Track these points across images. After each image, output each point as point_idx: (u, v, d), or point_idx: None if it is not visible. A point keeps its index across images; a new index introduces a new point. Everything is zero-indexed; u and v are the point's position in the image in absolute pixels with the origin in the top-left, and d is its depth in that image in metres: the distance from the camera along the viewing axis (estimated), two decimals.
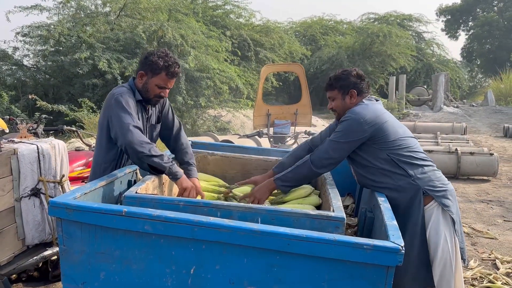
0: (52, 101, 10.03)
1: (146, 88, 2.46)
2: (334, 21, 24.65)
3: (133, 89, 2.49)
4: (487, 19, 32.19)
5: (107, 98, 2.44)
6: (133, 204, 1.91)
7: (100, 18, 10.66)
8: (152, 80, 2.43)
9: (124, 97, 2.36)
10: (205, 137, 7.67)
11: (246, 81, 12.19)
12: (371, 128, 2.28)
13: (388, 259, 1.59)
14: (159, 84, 2.44)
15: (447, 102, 20.26)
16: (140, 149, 2.21)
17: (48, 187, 2.68)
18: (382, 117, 2.34)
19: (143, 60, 2.48)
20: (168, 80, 2.45)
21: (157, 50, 2.49)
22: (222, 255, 1.69)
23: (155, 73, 2.42)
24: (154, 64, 2.41)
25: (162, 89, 2.46)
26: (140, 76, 2.47)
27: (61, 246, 1.82)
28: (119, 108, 2.31)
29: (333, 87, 2.49)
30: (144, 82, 2.46)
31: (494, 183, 7.52)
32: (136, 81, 2.50)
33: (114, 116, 2.31)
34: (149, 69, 2.43)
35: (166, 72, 2.42)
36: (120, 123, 2.27)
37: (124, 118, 2.27)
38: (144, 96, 2.49)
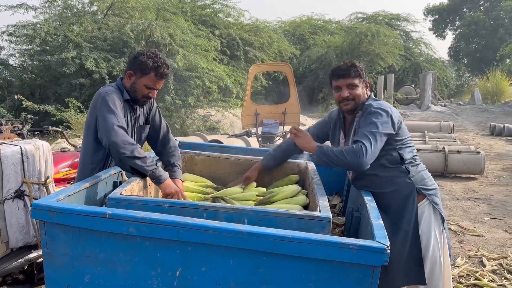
0: (39, 101, 9.91)
1: (134, 88, 2.44)
2: (323, 21, 24.75)
3: (121, 89, 2.47)
4: (473, 19, 32.58)
5: (94, 97, 2.41)
6: (118, 206, 1.89)
7: (87, 17, 10.56)
8: (140, 80, 2.42)
9: (110, 96, 2.34)
10: (194, 137, 7.63)
11: (235, 80, 12.16)
12: (397, 124, 2.29)
13: (373, 259, 1.59)
14: (148, 85, 2.43)
15: (434, 101, 20.48)
16: (122, 150, 2.17)
17: (32, 189, 2.64)
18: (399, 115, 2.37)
19: (132, 60, 2.46)
20: (157, 81, 2.44)
21: (146, 51, 2.47)
22: (208, 257, 1.68)
23: (144, 73, 2.41)
24: (144, 64, 2.40)
25: (150, 90, 2.45)
26: (129, 76, 2.45)
27: (44, 249, 1.79)
28: (105, 107, 2.29)
29: (356, 74, 2.33)
30: (133, 82, 2.44)
31: (481, 181, 7.60)
32: (124, 81, 2.48)
33: (100, 115, 2.29)
34: (138, 69, 2.42)
35: (155, 73, 2.41)
36: (105, 123, 2.24)
37: (109, 118, 2.25)
38: (132, 96, 2.47)
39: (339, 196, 3.02)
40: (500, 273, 3.78)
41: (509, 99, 23.88)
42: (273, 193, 2.49)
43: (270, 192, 2.56)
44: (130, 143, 2.21)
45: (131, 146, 2.20)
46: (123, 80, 2.51)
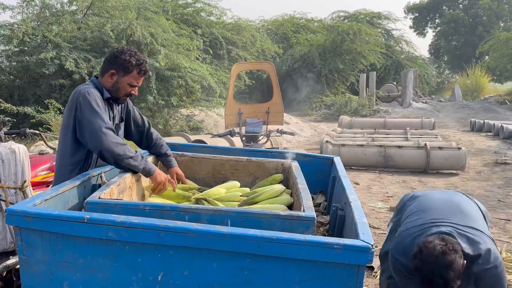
0: (18, 103, 9.67)
1: (117, 87, 2.41)
2: (305, 19, 24.85)
3: (99, 88, 2.42)
4: (453, 17, 33.09)
5: (72, 97, 2.35)
6: (96, 210, 1.83)
7: (66, 17, 10.34)
8: (124, 79, 2.40)
9: (92, 96, 2.29)
10: (177, 137, 7.58)
11: (219, 79, 12.08)
12: None
13: (358, 258, 1.58)
14: (131, 83, 2.42)
15: (416, 98, 20.75)
16: (116, 152, 2.20)
17: (8, 193, 2.56)
18: None
19: (113, 59, 2.41)
20: (139, 78, 2.45)
21: (126, 49, 2.44)
22: (191, 260, 1.64)
23: (127, 71, 2.38)
24: (127, 63, 2.37)
25: (133, 88, 2.44)
26: (111, 75, 2.40)
27: (20, 256, 1.73)
28: (88, 108, 2.24)
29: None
30: (115, 81, 2.40)
31: (463, 176, 7.72)
32: (104, 80, 2.43)
33: (84, 117, 2.23)
34: (120, 68, 2.38)
35: (139, 70, 2.41)
36: (92, 126, 2.21)
37: (95, 120, 2.21)
38: (114, 95, 2.43)
39: (324, 195, 3.01)
40: None
41: (488, 95, 24.38)
42: (257, 193, 2.47)
43: (254, 192, 2.54)
44: (121, 144, 2.23)
45: (122, 147, 2.23)
46: (99, 79, 2.46)
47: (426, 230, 2.15)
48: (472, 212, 2.34)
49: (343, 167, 2.87)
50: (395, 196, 6.33)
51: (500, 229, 4.89)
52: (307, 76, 20.30)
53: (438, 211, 2.29)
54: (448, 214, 2.25)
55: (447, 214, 2.24)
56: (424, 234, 2.12)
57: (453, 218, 2.21)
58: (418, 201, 2.48)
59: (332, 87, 20.88)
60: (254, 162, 2.85)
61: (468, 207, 2.38)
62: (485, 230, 2.21)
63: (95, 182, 2.31)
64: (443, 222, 2.18)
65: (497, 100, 21.25)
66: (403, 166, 8.14)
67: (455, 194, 2.55)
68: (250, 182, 2.80)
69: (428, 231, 2.13)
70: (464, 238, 2.09)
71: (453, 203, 2.36)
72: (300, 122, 15.56)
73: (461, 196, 2.52)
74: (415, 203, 2.47)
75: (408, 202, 2.55)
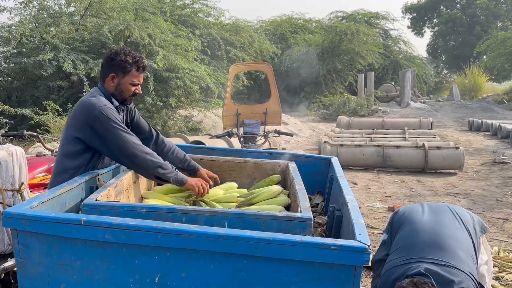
0: (16, 105, 9.66)
1: (120, 89, 2.41)
2: (303, 20, 24.87)
3: (108, 96, 2.42)
4: (450, 16, 33.16)
5: (84, 108, 2.32)
6: (93, 212, 1.84)
7: (64, 18, 10.34)
8: (125, 79, 2.40)
9: (109, 110, 2.30)
10: (176, 138, 7.57)
11: (217, 80, 12.09)
12: None
13: (355, 259, 1.58)
14: (133, 82, 2.42)
15: (414, 97, 20.79)
16: (150, 162, 2.29)
17: (6, 196, 2.56)
18: None
19: (109, 62, 2.42)
20: (139, 75, 2.45)
21: (120, 50, 2.44)
22: (188, 262, 1.64)
23: (126, 71, 2.39)
24: (124, 63, 2.38)
25: (135, 86, 2.45)
26: (111, 78, 2.40)
27: (17, 258, 1.73)
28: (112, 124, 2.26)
29: None
30: (117, 84, 2.41)
31: (461, 176, 7.73)
32: (107, 85, 2.43)
33: (109, 133, 2.26)
34: (119, 70, 2.39)
35: (137, 67, 2.42)
36: (121, 142, 2.27)
37: (123, 136, 2.27)
38: (119, 98, 2.44)
39: (321, 195, 3.02)
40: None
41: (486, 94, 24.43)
42: (255, 194, 2.47)
43: (252, 193, 2.54)
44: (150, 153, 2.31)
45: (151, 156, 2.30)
46: (104, 85, 2.45)
47: (404, 270, 2.17)
48: (457, 242, 2.33)
49: (341, 167, 2.87)
50: (393, 196, 6.34)
51: (498, 229, 4.90)
52: (306, 76, 20.32)
53: (421, 246, 2.29)
54: (429, 249, 2.25)
55: (428, 251, 2.25)
56: (401, 275, 2.14)
57: (434, 255, 2.21)
58: (405, 230, 2.47)
59: (331, 87, 20.91)
60: (252, 163, 2.85)
61: (454, 236, 2.35)
62: (466, 265, 2.20)
63: (92, 184, 2.31)
64: (422, 260, 2.18)
65: (495, 100, 21.29)
66: (401, 166, 8.15)
67: (445, 216, 2.49)
68: (248, 183, 2.80)
69: (406, 271, 2.15)
70: (440, 276, 2.10)
71: (438, 235, 2.33)
72: (299, 122, 15.57)
73: (451, 219, 2.47)
74: (402, 232, 2.46)
75: (398, 224, 2.54)
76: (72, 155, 2.38)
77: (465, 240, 2.36)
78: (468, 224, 2.46)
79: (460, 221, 2.46)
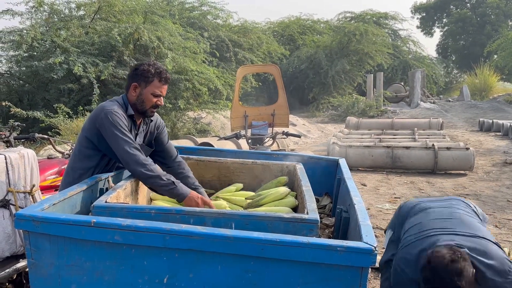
0: (28, 107, 9.80)
1: (142, 99, 2.43)
2: (312, 21, 24.87)
3: (126, 104, 2.46)
4: (460, 16, 32.88)
5: (97, 111, 2.37)
6: (103, 214, 1.86)
7: (74, 22, 10.46)
8: (146, 90, 2.42)
9: (115, 114, 2.31)
10: (185, 140, 7.62)
11: (225, 82, 12.14)
12: None
13: (361, 260, 1.59)
14: (154, 92, 2.43)
15: (423, 98, 20.64)
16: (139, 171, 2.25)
17: (18, 197, 2.60)
18: None
19: (133, 72, 2.47)
20: (161, 86, 2.45)
21: (145, 61, 2.50)
22: (196, 263, 1.66)
23: (148, 81, 2.41)
24: (146, 73, 2.41)
25: (157, 97, 2.45)
26: (134, 88, 2.44)
27: (29, 259, 1.76)
28: (113, 128, 2.28)
29: None
30: (138, 94, 2.43)
31: (471, 177, 7.67)
32: (129, 95, 2.47)
33: (110, 137, 2.29)
34: (141, 79, 2.42)
35: (159, 78, 2.42)
36: (118, 146, 2.26)
37: (121, 140, 2.26)
38: (140, 108, 2.46)
39: (329, 197, 3.02)
40: None
41: (497, 94, 24.16)
42: (262, 196, 2.48)
43: (259, 194, 2.55)
44: (145, 164, 2.25)
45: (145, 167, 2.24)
46: (127, 95, 2.49)
47: (431, 241, 2.14)
48: (473, 220, 2.33)
49: (348, 169, 2.87)
50: (402, 197, 6.31)
51: (509, 230, 4.86)
52: (314, 77, 20.28)
53: (440, 222, 2.29)
54: (451, 224, 2.24)
55: (450, 225, 2.24)
56: (430, 245, 2.11)
57: (457, 228, 2.20)
58: (418, 212, 2.47)
59: (339, 88, 20.85)
60: (260, 165, 2.86)
61: (468, 215, 2.37)
62: (490, 237, 2.20)
63: (102, 186, 2.34)
64: (448, 232, 2.17)
65: (506, 100, 21.04)
66: (410, 167, 8.11)
67: (453, 202, 2.53)
68: (255, 185, 2.81)
69: (435, 242, 2.12)
70: (471, 246, 2.08)
71: (454, 213, 2.35)
72: (307, 123, 15.55)
73: (459, 203, 2.50)
74: (416, 215, 2.46)
75: (408, 213, 2.54)
76: (82, 156, 2.44)
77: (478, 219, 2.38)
78: (477, 210, 2.49)
79: (469, 206, 2.49)
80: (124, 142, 2.26)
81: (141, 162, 2.25)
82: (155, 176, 2.25)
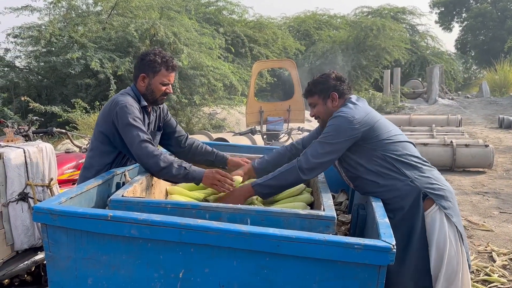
0: (46, 102, 9.95)
1: (151, 89, 2.45)
2: (328, 16, 24.63)
3: (137, 95, 2.47)
4: (480, 10, 32.23)
5: (111, 104, 2.39)
6: (120, 208, 1.87)
7: (91, 18, 10.57)
8: (155, 79, 2.43)
9: (129, 107, 2.32)
10: (200, 135, 7.63)
11: (241, 77, 12.14)
12: (363, 126, 2.17)
13: (379, 259, 1.56)
14: (163, 81, 2.45)
15: (442, 94, 20.30)
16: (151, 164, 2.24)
17: (36, 191, 2.64)
18: (372, 115, 2.27)
19: (140, 62, 2.47)
20: (169, 74, 2.47)
21: (150, 50, 2.48)
22: (211, 258, 1.66)
23: (155, 71, 2.42)
24: (153, 62, 2.42)
25: (166, 86, 2.47)
26: (142, 79, 2.45)
27: (47, 252, 1.78)
28: (126, 121, 2.29)
29: (312, 93, 2.39)
30: (147, 84, 2.45)
31: (490, 174, 7.52)
32: (138, 85, 2.48)
33: (123, 130, 2.29)
34: (149, 70, 2.43)
35: (166, 67, 2.44)
36: (130, 139, 2.27)
37: (133, 134, 2.26)
38: (150, 98, 2.48)
39: (345, 193, 2.99)
40: (511, 268, 3.72)
41: None
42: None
43: None
44: (155, 156, 2.24)
45: (155, 159, 2.23)
46: (136, 85, 2.50)
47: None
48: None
49: None
50: None
51: None
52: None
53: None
54: None
55: None
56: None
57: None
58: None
59: (356, 84, 20.64)
60: None
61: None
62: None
63: (119, 180, 2.36)
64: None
65: None
66: None
67: None
68: None
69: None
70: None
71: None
72: None
73: None
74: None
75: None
76: (99, 152, 2.45)
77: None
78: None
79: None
80: (136, 135, 2.26)
81: (152, 154, 2.24)
82: (166, 166, 2.23)
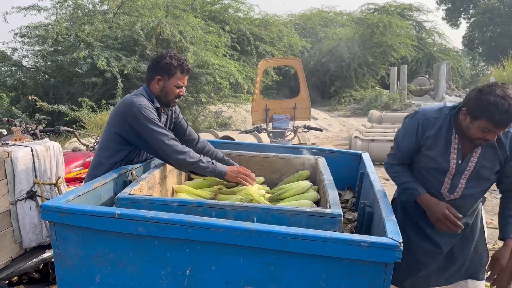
0: (53, 101, 10.03)
1: (165, 91, 2.48)
2: (334, 13, 24.56)
3: (150, 97, 2.50)
4: (488, 6, 31.94)
5: (124, 106, 2.40)
6: (127, 206, 1.88)
7: (98, 17, 10.63)
8: (170, 82, 2.47)
9: (148, 109, 2.37)
10: (206, 133, 7.65)
11: (246, 75, 12.14)
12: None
13: (386, 256, 1.56)
14: (177, 84, 2.49)
15: (449, 91, 20.16)
16: (181, 160, 2.33)
17: (44, 189, 2.66)
18: None
19: (155, 65, 2.49)
20: (183, 77, 2.52)
21: (166, 53, 2.51)
22: (218, 256, 1.67)
23: (171, 74, 2.46)
24: (169, 65, 2.45)
25: (180, 88, 2.51)
26: (157, 81, 2.48)
27: (55, 249, 1.79)
28: (149, 122, 2.33)
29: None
30: (162, 86, 2.48)
31: None
32: (152, 87, 2.50)
33: (145, 131, 2.34)
34: (164, 72, 2.46)
35: (181, 70, 2.48)
36: (156, 140, 2.33)
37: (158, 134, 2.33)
38: (164, 100, 2.51)
39: (351, 191, 2.99)
40: None
41: None
42: (283, 190, 2.47)
43: (280, 188, 2.54)
44: (184, 152, 2.34)
45: (184, 155, 2.33)
46: (149, 87, 2.52)
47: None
48: None
49: (372, 163, 2.83)
50: None
51: None
52: (336, 70, 20.06)
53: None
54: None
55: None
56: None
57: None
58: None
59: (362, 81, 20.56)
60: (281, 158, 2.84)
61: None
62: None
63: (126, 178, 2.37)
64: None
65: None
66: None
67: None
68: (277, 179, 2.80)
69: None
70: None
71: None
72: (329, 117, 15.42)
73: None
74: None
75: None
76: (110, 151, 2.47)
77: None
78: None
79: None
80: (161, 135, 2.33)
81: (181, 150, 2.34)
82: (197, 161, 2.35)
